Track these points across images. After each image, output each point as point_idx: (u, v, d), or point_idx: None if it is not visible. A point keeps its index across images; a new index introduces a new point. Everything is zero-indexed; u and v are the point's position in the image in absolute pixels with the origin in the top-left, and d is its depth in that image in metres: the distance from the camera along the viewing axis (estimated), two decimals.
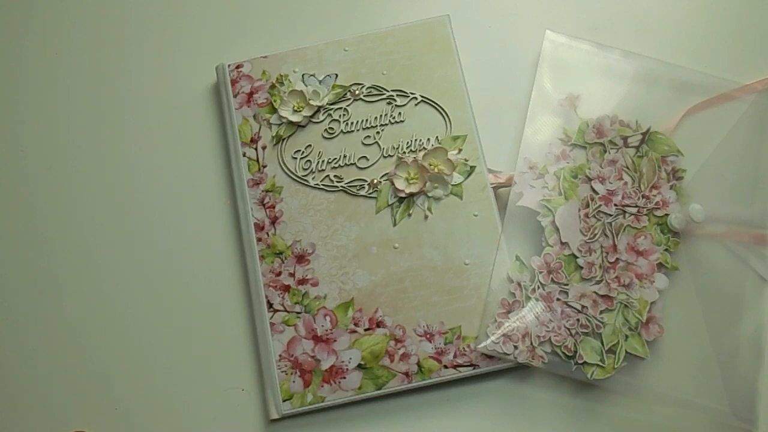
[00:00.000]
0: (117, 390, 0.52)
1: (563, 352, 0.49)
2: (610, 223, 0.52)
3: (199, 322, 0.53)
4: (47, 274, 0.55)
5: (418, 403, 0.51)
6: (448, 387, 0.51)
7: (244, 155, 0.55)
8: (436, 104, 0.55)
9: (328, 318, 0.51)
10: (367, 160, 0.54)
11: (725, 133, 0.55)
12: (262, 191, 0.54)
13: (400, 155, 0.54)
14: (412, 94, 0.55)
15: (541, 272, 0.51)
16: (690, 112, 0.55)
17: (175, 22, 0.60)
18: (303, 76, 0.56)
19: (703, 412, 0.49)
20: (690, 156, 0.54)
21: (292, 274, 0.52)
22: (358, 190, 0.54)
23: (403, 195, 0.53)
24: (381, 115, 0.55)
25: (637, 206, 0.52)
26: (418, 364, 0.50)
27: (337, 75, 0.56)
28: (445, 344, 0.50)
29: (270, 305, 0.52)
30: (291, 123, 0.55)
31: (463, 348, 0.50)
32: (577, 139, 0.54)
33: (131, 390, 0.52)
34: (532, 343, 0.49)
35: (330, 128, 0.55)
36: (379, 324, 0.51)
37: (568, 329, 0.49)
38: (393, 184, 0.53)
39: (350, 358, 0.50)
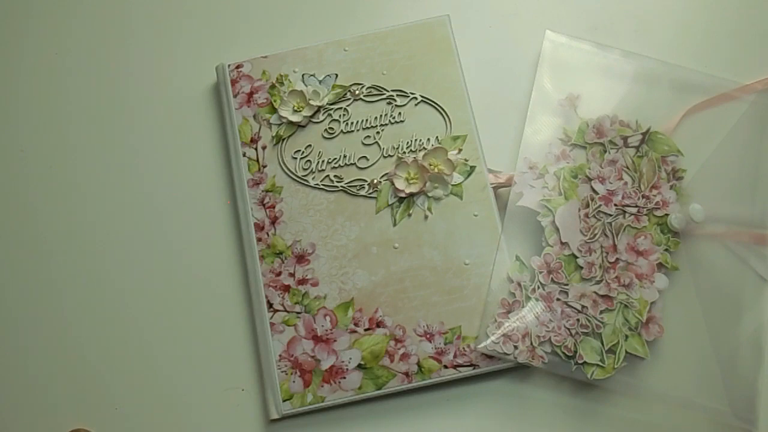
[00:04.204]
0: (117, 390, 0.52)
1: (563, 352, 0.49)
2: (610, 223, 0.52)
3: (199, 321, 0.53)
4: (47, 274, 0.55)
5: (418, 403, 0.51)
6: (448, 387, 0.51)
7: (244, 155, 0.55)
8: (436, 104, 0.55)
9: (328, 318, 0.51)
10: (367, 160, 0.54)
11: (725, 133, 0.55)
12: (262, 191, 0.54)
13: (400, 155, 0.54)
14: (412, 94, 0.55)
15: (541, 272, 0.51)
16: (690, 112, 0.55)
17: (175, 22, 0.60)
18: (303, 76, 0.56)
19: (703, 412, 0.49)
20: (690, 156, 0.54)
21: (292, 274, 0.52)
22: (358, 190, 0.54)
23: (403, 195, 0.53)
24: (381, 115, 0.55)
25: (637, 206, 0.52)
26: (418, 364, 0.50)
27: (337, 75, 0.56)
28: (445, 344, 0.50)
29: (270, 305, 0.52)
30: (291, 123, 0.55)
31: (463, 348, 0.50)
32: (577, 139, 0.54)
33: (131, 390, 0.52)
34: (532, 343, 0.49)
35: (330, 128, 0.55)
36: (379, 324, 0.51)
37: (568, 329, 0.49)
38: (393, 184, 0.53)
39: (350, 358, 0.50)
